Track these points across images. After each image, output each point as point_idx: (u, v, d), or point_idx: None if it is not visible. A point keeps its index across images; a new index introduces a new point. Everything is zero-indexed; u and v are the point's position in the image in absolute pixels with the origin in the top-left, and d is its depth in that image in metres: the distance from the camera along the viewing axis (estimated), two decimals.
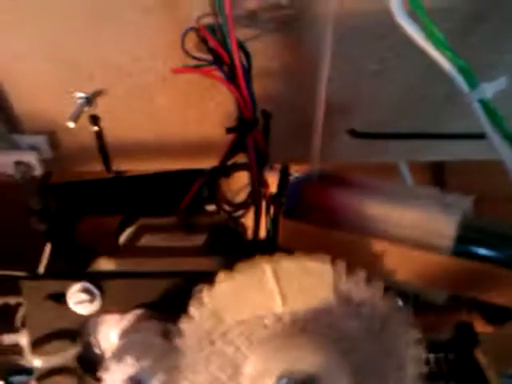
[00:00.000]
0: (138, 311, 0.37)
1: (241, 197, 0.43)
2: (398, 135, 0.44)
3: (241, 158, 0.42)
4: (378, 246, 0.32)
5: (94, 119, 0.46)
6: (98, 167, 0.50)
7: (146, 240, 0.43)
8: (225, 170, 0.41)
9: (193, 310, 0.33)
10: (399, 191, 0.35)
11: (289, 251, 0.32)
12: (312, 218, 0.34)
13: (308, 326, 0.31)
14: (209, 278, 0.32)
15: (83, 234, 0.52)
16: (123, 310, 0.37)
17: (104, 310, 0.37)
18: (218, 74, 0.38)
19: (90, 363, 0.38)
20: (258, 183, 0.40)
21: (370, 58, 0.40)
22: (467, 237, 0.31)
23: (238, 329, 0.32)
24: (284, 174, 0.40)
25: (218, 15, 0.36)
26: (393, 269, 0.32)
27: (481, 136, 0.42)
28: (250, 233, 0.43)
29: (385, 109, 0.43)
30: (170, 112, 0.45)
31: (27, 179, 0.44)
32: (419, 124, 0.43)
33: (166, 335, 0.35)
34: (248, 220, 0.43)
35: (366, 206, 0.33)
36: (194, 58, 0.38)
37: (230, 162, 0.42)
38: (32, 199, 0.46)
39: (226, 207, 0.42)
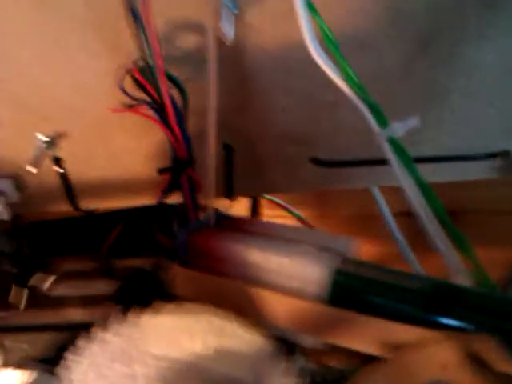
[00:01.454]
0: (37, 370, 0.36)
1: None
2: (362, 162, 0.44)
3: None
4: (261, 292, 0.31)
5: (57, 161, 0.47)
6: (65, 207, 0.51)
7: (62, 288, 0.42)
8: (162, 209, 0.41)
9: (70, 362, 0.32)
10: (285, 236, 0.34)
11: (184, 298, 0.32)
12: (200, 265, 0.33)
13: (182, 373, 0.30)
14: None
15: None
16: (22, 366, 0.36)
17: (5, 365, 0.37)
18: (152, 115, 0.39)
19: None
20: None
21: (324, 89, 0.40)
22: (342, 285, 0.29)
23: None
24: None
25: (147, 56, 0.37)
26: (273, 316, 0.30)
27: (445, 159, 0.41)
28: None
29: (346, 137, 0.43)
30: (127, 151, 0.46)
31: None
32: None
33: None
34: None
35: (248, 253, 0.32)
36: (131, 98, 0.39)
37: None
38: (2, 243, 0.47)
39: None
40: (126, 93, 0.39)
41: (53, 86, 0.42)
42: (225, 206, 0.50)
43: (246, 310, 0.30)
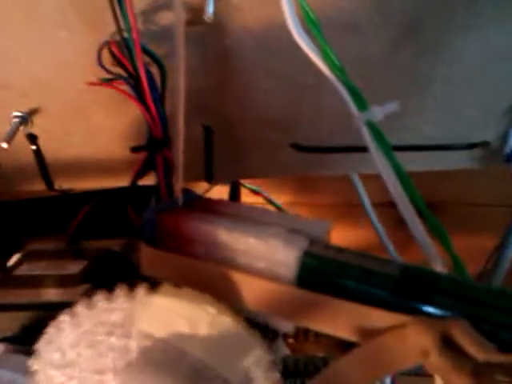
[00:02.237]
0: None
1: None
2: (342, 148, 0.43)
3: None
4: (231, 274, 0.30)
5: (31, 138, 0.46)
6: (39, 186, 0.50)
7: (25, 267, 0.41)
8: (137, 190, 0.40)
9: (39, 345, 0.32)
10: (255, 217, 0.33)
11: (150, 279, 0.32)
12: (169, 246, 0.33)
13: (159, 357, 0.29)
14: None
15: None
16: None
17: None
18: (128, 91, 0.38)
19: None
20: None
21: (306, 72, 0.39)
22: (310, 267, 0.28)
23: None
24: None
25: (124, 30, 0.36)
26: (244, 298, 0.29)
27: (425, 148, 0.40)
28: None
29: (328, 122, 0.43)
30: (103, 129, 0.45)
31: None
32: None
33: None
34: None
35: (216, 233, 0.31)
36: (109, 72, 0.38)
37: None
38: None
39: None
40: (102, 67, 0.38)
41: (28, 62, 0.41)
42: (204, 189, 0.50)
43: (216, 292, 0.30)
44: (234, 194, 0.53)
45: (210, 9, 0.34)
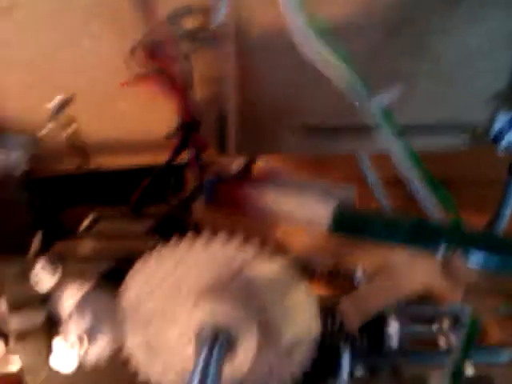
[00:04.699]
0: (91, 284, 0.44)
1: None
2: (347, 128, 0.48)
3: None
4: (277, 227, 0.39)
5: (70, 121, 0.51)
6: (74, 164, 0.56)
7: (101, 226, 0.49)
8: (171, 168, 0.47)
9: (128, 281, 0.41)
10: (292, 184, 0.42)
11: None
12: (225, 210, 0.40)
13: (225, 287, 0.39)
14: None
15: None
16: (80, 282, 0.44)
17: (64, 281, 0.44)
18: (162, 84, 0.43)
19: (56, 325, 0.45)
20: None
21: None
22: (341, 217, 0.38)
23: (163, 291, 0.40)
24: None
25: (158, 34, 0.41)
26: (288, 246, 0.39)
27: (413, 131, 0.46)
28: None
29: (334, 104, 0.46)
30: (132, 115, 0.50)
31: (13, 176, 0.50)
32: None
33: (114, 302, 0.42)
34: None
35: (264, 197, 0.40)
36: (141, 71, 0.43)
37: None
38: (18, 194, 0.52)
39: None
40: (135, 65, 0.43)
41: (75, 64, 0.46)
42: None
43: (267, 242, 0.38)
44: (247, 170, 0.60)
45: (217, 17, 0.40)
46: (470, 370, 0.48)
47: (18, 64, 0.46)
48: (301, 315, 0.39)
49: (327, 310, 0.43)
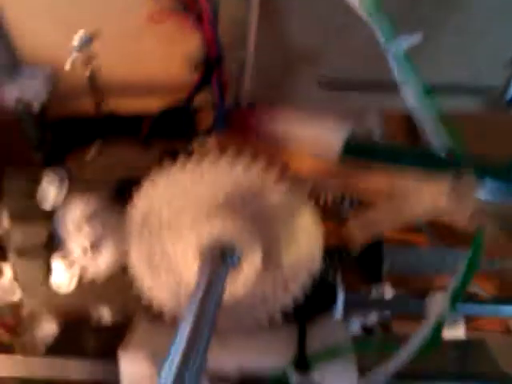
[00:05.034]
0: (98, 199, 0.45)
1: None
2: (364, 84, 0.49)
3: None
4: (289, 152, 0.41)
5: (92, 58, 0.52)
6: (91, 105, 0.56)
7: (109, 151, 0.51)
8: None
9: (137, 196, 0.42)
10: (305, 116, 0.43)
11: None
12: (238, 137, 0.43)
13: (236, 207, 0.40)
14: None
15: None
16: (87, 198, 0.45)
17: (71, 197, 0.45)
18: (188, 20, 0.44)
19: (56, 246, 0.46)
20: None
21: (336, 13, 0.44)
22: (353, 145, 0.40)
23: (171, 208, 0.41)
24: None
25: None
26: (298, 170, 0.41)
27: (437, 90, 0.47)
28: None
29: (358, 57, 0.48)
30: (154, 55, 0.51)
31: (27, 111, 0.50)
32: (386, 74, 0.45)
33: (119, 218, 0.43)
34: None
35: (278, 126, 0.42)
36: (168, 6, 0.45)
37: None
38: (31, 131, 0.53)
39: None
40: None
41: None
42: None
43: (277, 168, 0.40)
44: None
45: None
46: (461, 333, 0.49)
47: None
48: (305, 239, 0.41)
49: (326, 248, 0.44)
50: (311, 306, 0.45)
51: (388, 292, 0.52)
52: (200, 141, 0.47)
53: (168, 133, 0.51)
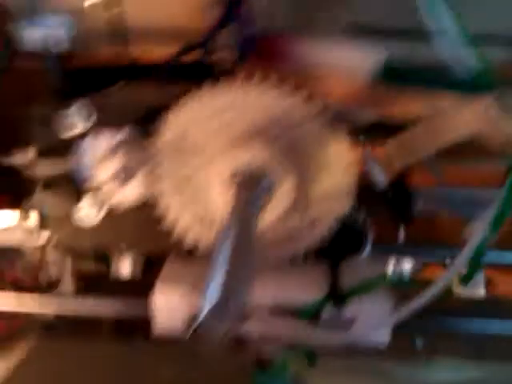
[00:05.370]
0: (125, 129, 0.44)
1: None
2: (397, 32, 0.48)
3: None
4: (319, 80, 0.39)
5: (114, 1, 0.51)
6: (112, 52, 0.56)
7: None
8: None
9: (163, 127, 0.41)
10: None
11: None
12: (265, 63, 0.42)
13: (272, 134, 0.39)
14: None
15: None
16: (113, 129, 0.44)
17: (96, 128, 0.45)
18: None
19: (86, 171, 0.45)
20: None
21: None
22: (390, 67, 0.39)
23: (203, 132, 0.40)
24: None
25: None
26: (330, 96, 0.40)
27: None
28: None
29: (387, 4, 0.48)
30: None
31: (52, 53, 0.49)
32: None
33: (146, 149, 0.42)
34: None
35: (307, 50, 0.41)
36: None
37: None
38: (53, 76, 0.52)
39: None
40: None
41: None
42: None
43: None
44: None
45: None
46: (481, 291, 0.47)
47: None
48: (337, 165, 0.40)
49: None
50: (341, 247, 0.44)
51: None
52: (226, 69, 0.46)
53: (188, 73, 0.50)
